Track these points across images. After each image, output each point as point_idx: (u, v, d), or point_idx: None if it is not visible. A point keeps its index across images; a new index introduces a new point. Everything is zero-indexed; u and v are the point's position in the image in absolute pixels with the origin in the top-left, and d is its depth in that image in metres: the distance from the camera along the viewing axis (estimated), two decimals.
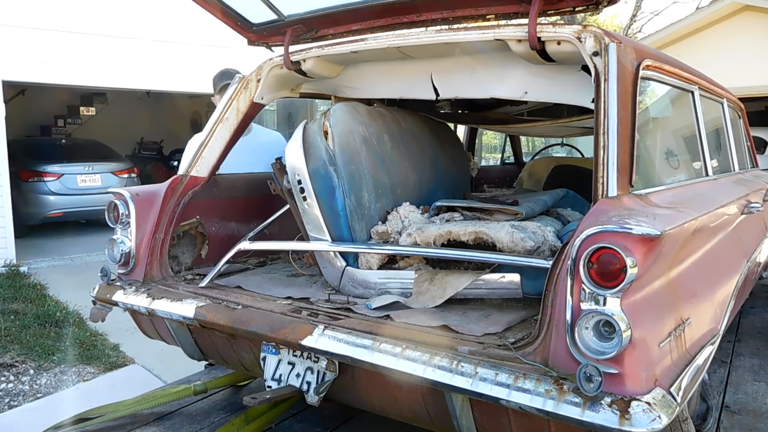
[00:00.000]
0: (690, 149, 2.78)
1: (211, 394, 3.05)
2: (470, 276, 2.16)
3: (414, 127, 3.07)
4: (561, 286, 1.58)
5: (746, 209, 2.84)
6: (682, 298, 1.84)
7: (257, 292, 2.36)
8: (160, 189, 2.63)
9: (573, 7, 2.18)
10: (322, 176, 2.39)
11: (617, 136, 1.78)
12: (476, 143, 5.62)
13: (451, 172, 3.35)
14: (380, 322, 1.95)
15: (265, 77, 2.79)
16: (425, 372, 1.67)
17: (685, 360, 1.72)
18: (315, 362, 2.05)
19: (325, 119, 2.50)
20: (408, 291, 2.21)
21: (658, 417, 1.41)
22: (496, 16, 2.34)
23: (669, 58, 2.49)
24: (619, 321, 1.46)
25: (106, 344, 4.65)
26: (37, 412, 3.40)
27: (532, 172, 4.54)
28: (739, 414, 2.80)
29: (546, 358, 1.58)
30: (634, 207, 1.72)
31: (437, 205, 2.62)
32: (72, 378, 4.02)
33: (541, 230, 2.26)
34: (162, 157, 14.17)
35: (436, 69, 2.62)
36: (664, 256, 1.67)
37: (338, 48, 2.57)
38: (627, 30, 21.68)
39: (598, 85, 1.88)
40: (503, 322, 1.93)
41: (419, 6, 2.42)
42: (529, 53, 2.15)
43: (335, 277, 2.39)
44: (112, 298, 2.47)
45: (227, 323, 2.13)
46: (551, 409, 1.48)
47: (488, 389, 1.57)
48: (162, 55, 8.88)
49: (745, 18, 11.17)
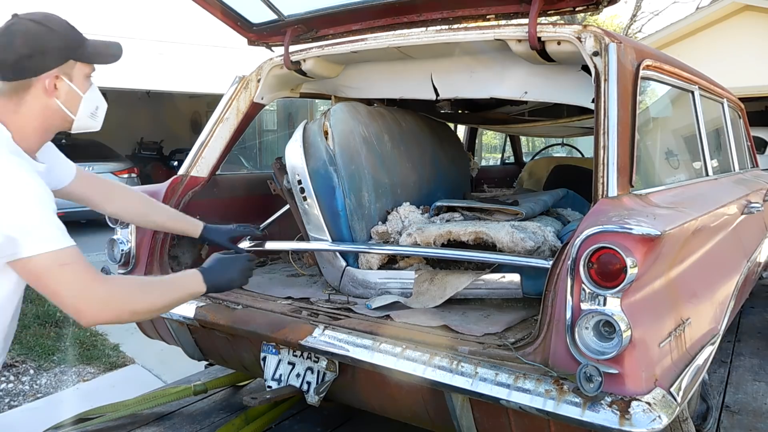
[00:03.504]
0: (690, 149, 2.78)
1: (211, 394, 3.05)
2: (470, 276, 2.16)
3: (414, 127, 3.07)
4: (561, 286, 1.58)
5: (746, 209, 2.84)
6: (682, 298, 1.84)
7: (257, 292, 2.36)
8: (161, 189, 2.62)
9: (573, 7, 2.18)
10: (322, 176, 2.39)
11: (617, 136, 1.78)
12: (476, 143, 5.62)
13: (451, 172, 3.35)
14: (380, 322, 1.95)
15: (265, 77, 2.79)
16: (425, 372, 1.68)
17: (685, 360, 1.72)
18: (315, 362, 2.05)
19: (325, 119, 2.50)
20: (408, 291, 2.21)
21: (658, 417, 1.41)
22: (496, 16, 2.34)
23: (669, 58, 2.49)
24: (619, 321, 1.46)
25: (106, 344, 4.64)
26: (37, 412, 3.39)
27: (532, 172, 4.54)
28: (739, 414, 2.80)
29: (546, 358, 1.58)
30: (634, 207, 1.72)
31: (437, 205, 2.62)
32: (72, 378, 4.02)
33: (541, 230, 2.26)
34: (162, 157, 14.17)
35: (436, 69, 2.62)
36: (664, 256, 1.67)
37: (338, 48, 2.57)
38: (627, 30, 21.67)
39: (598, 85, 1.88)
40: (503, 322, 1.93)
41: (419, 6, 2.42)
42: (529, 53, 2.15)
43: (335, 277, 2.39)
44: None
45: (227, 323, 2.13)
46: (551, 409, 1.48)
47: (488, 389, 1.57)
48: (162, 55, 8.88)
49: (745, 18, 11.16)
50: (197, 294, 1.66)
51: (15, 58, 1.42)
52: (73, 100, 1.51)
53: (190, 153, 2.76)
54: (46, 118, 1.49)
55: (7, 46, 1.42)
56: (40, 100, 1.46)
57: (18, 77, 1.43)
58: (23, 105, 1.45)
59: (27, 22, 1.45)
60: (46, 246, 1.32)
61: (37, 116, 1.47)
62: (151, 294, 1.54)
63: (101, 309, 1.40)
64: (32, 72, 1.44)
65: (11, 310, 1.47)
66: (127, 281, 1.68)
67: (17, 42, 1.42)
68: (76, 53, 1.49)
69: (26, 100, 1.45)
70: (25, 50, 1.42)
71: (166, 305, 1.59)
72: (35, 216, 1.33)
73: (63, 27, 1.50)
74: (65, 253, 1.35)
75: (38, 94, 1.46)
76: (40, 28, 1.44)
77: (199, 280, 1.66)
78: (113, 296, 1.44)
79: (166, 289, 1.60)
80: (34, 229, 1.31)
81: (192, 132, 13.89)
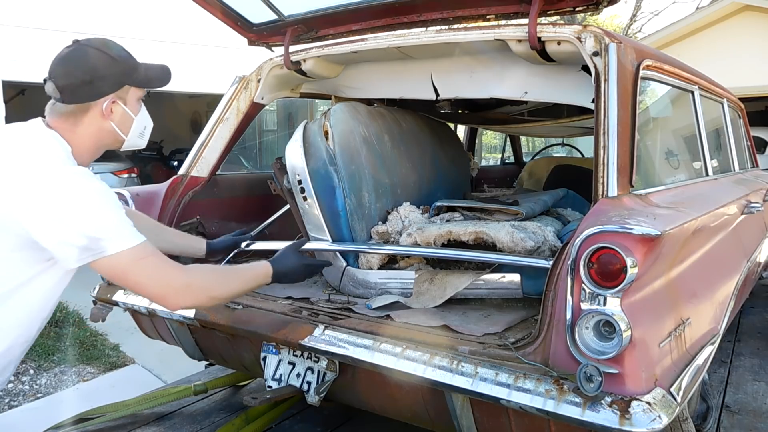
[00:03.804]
0: (690, 149, 2.78)
1: (212, 394, 3.05)
2: (470, 276, 2.16)
3: (414, 127, 3.07)
4: (561, 286, 1.58)
5: (746, 209, 2.84)
6: (682, 298, 1.84)
7: (257, 292, 2.36)
8: (161, 189, 2.63)
9: (573, 7, 2.18)
10: (322, 176, 2.39)
11: (617, 136, 1.78)
12: (476, 143, 5.62)
13: (452, 172, 3.35)
14: (380, 322, 1.95)
15: (266, 77, 2.79)
16: (425, 372, 1.67)
17: (686, 360, 1.72)
18: (315, 362, 2.05)
19: (325, 119, 2.50)
20: (408, 291, 2.21)
21: (658, 417, 1.41)
22: (496, 16, 2.35)
23: (669, 58, 2.49)
24: (619, 321, 1.46)
25: (106, 344, 4.64)
26: (37, 412, 3.40)
27: (532, 172, 4.54)
28: (739, 414, 2.80)
29: (546, 358, 1.58)
30: (634, 207, 1.72)
31: (437, 205, 2.62)
32: (72, 378, 4.02)
33: (541, 230, 2.26)
34: (162, 157, 14.14)
35: (436, 69, 2.62)
36: (664, 256, 1.67)
37: (338, 48, 2.57)
38: (627, 30, 21.66)
39: (598, 85, 1.88)
40: (503, 322, 1.93)
41: (419, 6, 2.42)
42: (529, 53, 2.15)
43: (335, 277, 2.39)
44: (112, 298, 2.47)
45: (228, 323, 2.13)
46: (551, 409, 1.48)
47: (488, 389, 1.57)
48: (162, 55, 8.87)
49: (745, 18, 11.16)
50: (264, 283, 1.81)
51: (76, 83, 1.53)
52: (126, 122, 1.63)
53: (191, 153, 2.76)
54: (101, 138, 1.61)
55: (68, 72, 1.53)
56: (97, 122, 1.57)
57: (78, 101, 1.54)
58: (80, 125, 1.56)
59: (87, 48, 1.56)
60: (126, 243, 1.45)
61: (92, 136, 1.59)
62: (226, 281, 1.69)
63: (184, 295, 1.55)
64: (91, 97, 1.55)
65: (49, 307, 1.59)
66: (204, 269, 1.77)
67: (78, 69, 1.53)
68: (131, 78, 1.61)
69: (83, 121, 1.56)
70: (86, 77, 1.53)
71: (240, 291, 1.76)
72: (113, 217, 1.46)
73: (120, 54, 1.60)
74: (141, 248, 1.48)
75: (95, 116, 1.57)
76: (99, 55, 1.55)
77: (268, 272, 1.81)
78: (193, 283, 1.58)
79: (239, 277, 1.75)
80: (114, 228, 1.44)
81: (192, 132, 13.88)
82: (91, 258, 1.43)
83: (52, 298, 1.58)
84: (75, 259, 1.43)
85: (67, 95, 1.53)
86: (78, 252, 1.41)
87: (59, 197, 1.40)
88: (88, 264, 1.44)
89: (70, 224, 1.39)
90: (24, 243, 1.42)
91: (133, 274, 1.48)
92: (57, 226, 1.39)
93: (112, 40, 1.62)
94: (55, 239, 1.40)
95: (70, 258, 1.43)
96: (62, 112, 1.55)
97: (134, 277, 1.49)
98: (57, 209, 1.39)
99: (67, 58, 1.54)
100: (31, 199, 1.40)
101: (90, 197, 1.44)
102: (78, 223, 1.40)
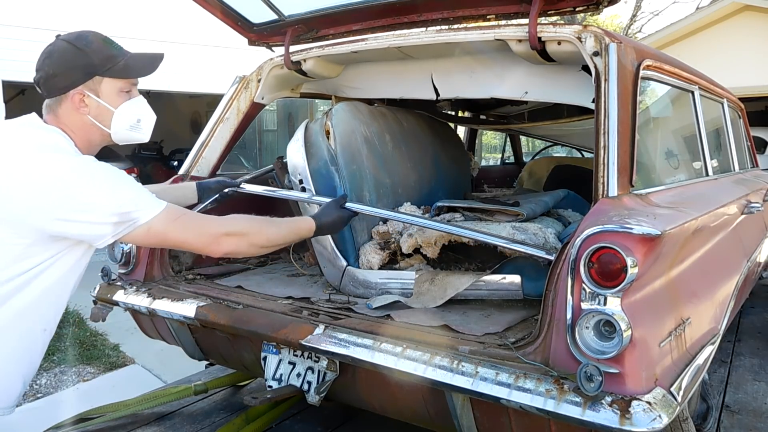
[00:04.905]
0: (690, 149, 2.78)
1: (212, 394, 3.05)
2: (471, 277, 2.16)
3: (415, 126, 3.07)
4: (561, 286, 1.58)
5: (746, 209, 2.84)
6: (683, 298, 1.84)
7: (258, 292, 2.36)
8: None
9: (573, 7, 2.18)
10: (323, 176, 2.39)
11: (617, 136, 1.78)
12: (476, 143, 5.62)
13: (452, 172, 3.35)
14: (381, 321, 1.95)
15: (266, 77, 2.79)
16: (426, 372, 1.67)
17: (686, 360, 1.72)
18: (316, 362, 2.05)
19: (327, 119, 2.50)
20: (408, 291, 2.21)
21: (658, 416, 1.41)
22: (496, 16, 2.35)
23: (669, 58, 2.49)
24: (620, 320, 1.46)
25: (106, 344, 4.64)
26: (37, 412, 3.39)
27: (532, 171, 4.54)
28: (739, 414, 2.80)
29: (546, 357, 1.58)
30: (634, 207, 1.72)
31: (438, 205, 2.62)
32: (72, 378, 4.02)
33: (542, 231, 2.26)
34: (162, 157, 14.14)
35: (436, 69, 2.62)
36: (664, 255, 1.67)
37: (339, 48, 2.57)
38: (627, 30, 21.66)
39: (598, 85, 1.88)
40: (504, 321, 1.93)
41: (419, 6, 2.42)
42: (529, 53, 2.15)
43: (336, 277, 2.39)
44: (112, 297, 2.47)
45: (228, 323, 2.13)
46: (552, 409, 1.48)
47: (489, 389, 1.57)
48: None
49: (745, 18, 11.16)
50: (306, 236, 1.94)
51: (45, 77, 1.56)
52: (104, 115, 1.62)
53: (191, 153, 2.76)
54: (85, 131, 1.61)
55: (40, 67, 1.57)
56: (73, 115, 1.58)
57: (51, 95, 1.57)
58: (62, 118, 1.58)
59: (61, 42, 1.58)
60: (155, 210, 1.52)
61: (78, 130, 1.60)
62: (264, 228, 1.77)
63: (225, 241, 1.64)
64: (59, 90, 1.57)
65: (71, 285, 1.63)
66: (239, 218, 1.79)
67: (48, 62, 1.56)
68: (102, 69, 1.59)
69: (60, 114, 1.58)
70: (51, 69, 1.55)
71: (279, 240, 1.83)
72: (136, 190, 1.53)
73: (91, 45, 1.58)
74: (171, 210, 1.56)
75: (68, 109, 1.58)
76: (67, 48, 1.56)
77: (311, 225, 1.92)
78: (231, 230, 1.66)
79: (277, 226, 1.82)
80: (140, 199, 1.51)
81: (192, 132, 13.87)
82: (126, 231, 1.49)
83: (70, 281, 1.60)
84: (111, 236, 1.49)
85: (43, 89, 1.57)
86: (112, 228, 1.47)
87: (79, 184, 1.44)
88: (122, 237, 1.51)
89: (97, 206, 1.44)
90: (41, 233, 1.45)
91: (173, 234, 1.56)
92: (84, 211, 1.43)
93: (96, 32, 1.62)
94: (84, 225, 1.45)
95: (105, 236, 1.48)
96: (46, 105, 1.59)
97: (174, 235, 1.57)
98: (80, 196, 1.43)
99: (43, 53, 1.58)
100: (50, 192, 1.42)
101: (108, 176, 1.49)
102: (105, 203, 1.45)
